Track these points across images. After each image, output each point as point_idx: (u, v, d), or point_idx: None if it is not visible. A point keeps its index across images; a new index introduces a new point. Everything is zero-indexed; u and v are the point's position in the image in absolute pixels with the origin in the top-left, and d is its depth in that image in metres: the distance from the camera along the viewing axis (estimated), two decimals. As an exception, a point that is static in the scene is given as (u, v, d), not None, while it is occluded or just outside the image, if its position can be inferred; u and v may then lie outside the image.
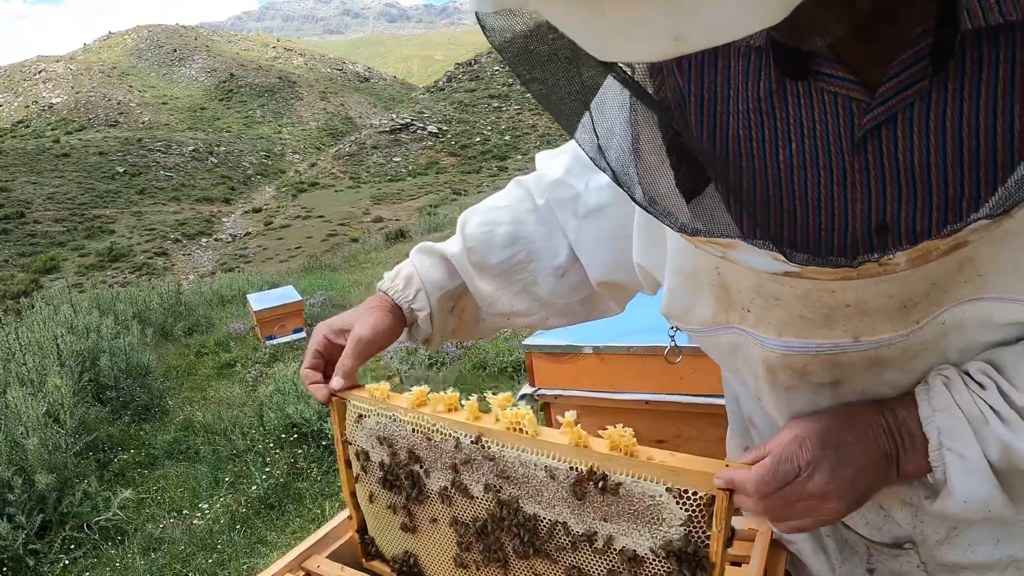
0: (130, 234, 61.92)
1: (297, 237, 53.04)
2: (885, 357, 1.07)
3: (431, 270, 1.64)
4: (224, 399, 8.72)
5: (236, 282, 17.45)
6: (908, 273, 0.93)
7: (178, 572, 5.21)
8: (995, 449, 1.01)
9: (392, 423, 1.50)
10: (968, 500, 1.03)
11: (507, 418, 1.33)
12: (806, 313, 1.05)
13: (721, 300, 1.16)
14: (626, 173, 1.00)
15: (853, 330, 1.04)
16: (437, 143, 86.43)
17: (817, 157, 0.99)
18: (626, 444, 1.20)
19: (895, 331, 1.03)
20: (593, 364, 2.79)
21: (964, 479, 1.03)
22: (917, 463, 1.07)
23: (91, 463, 6.82)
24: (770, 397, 1.23)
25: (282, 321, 10.86)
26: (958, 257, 0.93)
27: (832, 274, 0.94)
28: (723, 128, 1.06)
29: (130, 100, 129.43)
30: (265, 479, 6.16)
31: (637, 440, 2.74)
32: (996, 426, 1.01)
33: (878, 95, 0.92)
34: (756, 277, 1.05)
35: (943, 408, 1.05)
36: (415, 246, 1.71)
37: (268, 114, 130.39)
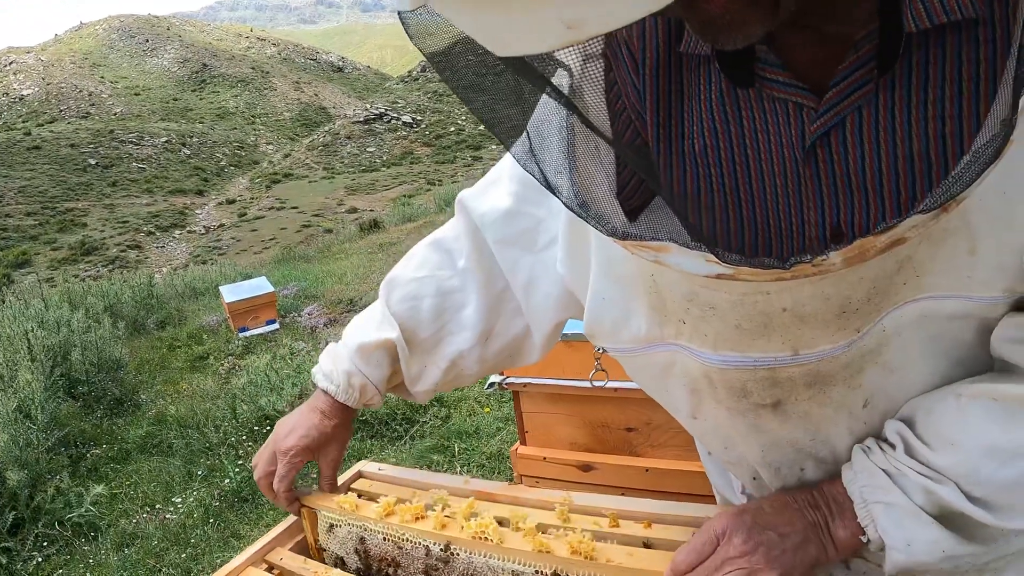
0: (102, 227, 61.44)
1: (271, 228, 52.84)
2: (827, 373, 1.05)
3: (376, 369, 1.64)
4: (197, 392, 8.67)
5: (209, 274, 17.36)
6: (845, 272, 0.90)
7: (152, 568, 5.17)
8: (919, 495, 1.02)
9: (364, 532, 1.57)
10: (911, 543, 1.01)
11: (472, 528, 1.40)
12: (742, 322, 1.02)
13: (657, 311, 1.13)
14: (556, 176, 0.98)
15: (791, 341, 1.02)
16: (411, 133, 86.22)
17: (772, 164, 0.99)
18: (585, 549, 1.28)
19: (835, 342, 1.01)
20: (562, 352, 2.78)
21: (896, 524, 1.03)
22: (847, 526, 1.08)
23: (63, 459, 6.77)
24: (710, 418, 1.22)
25: (255, 313, 10.80)
26: (897, 256, 0.92)
27: (766, 275, 0.91)
28: (678, 137, 1.06)
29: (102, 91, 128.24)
30: (238, 472, 6.12)
31: (607, 428, 2.74)
32: (912, 475, 1.02)
33: (825, 100, 0.92)
34: (690, 284, 1.02)
35: (862, 469, 1.08)
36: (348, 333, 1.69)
37: (241, 104, 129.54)
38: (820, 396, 1.08)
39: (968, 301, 0.96)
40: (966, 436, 1.00)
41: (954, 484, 0.99)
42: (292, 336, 10.38)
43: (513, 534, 1.39)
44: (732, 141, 1.01)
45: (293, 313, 11.83)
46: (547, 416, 2.97)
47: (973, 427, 1.00)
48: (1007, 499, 0.97)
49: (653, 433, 2.80)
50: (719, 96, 1.01)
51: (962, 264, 0.93)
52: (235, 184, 79.53)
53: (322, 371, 1.68)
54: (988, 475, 0.97)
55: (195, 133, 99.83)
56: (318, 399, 1.68)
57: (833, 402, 1.08)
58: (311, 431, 1.65)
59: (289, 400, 6.79)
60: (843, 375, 1.05)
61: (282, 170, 79.71)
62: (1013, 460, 0.96)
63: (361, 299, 12.09)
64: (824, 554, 1.10)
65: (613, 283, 1.19)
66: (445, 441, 6.17)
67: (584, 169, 1.00)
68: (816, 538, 1.10)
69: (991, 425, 0.98)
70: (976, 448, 0.99)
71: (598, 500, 1.59)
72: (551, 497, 1.62)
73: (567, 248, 1.30)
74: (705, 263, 0.92)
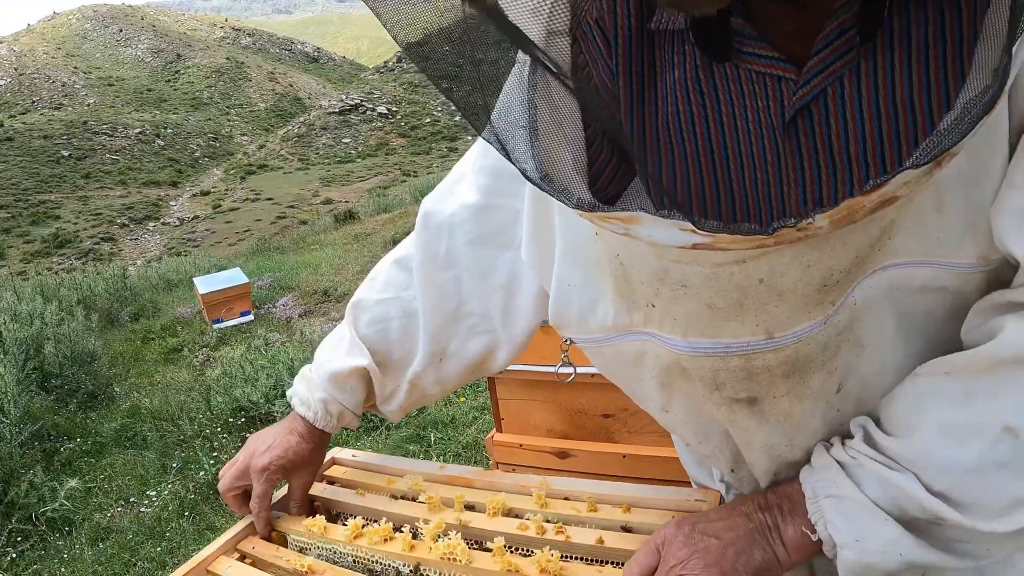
0: (76, 219, 60.98)
1: (246, 220, 52.55)
2: (805, 359, 0.99)
3: (351, 395, 1.60)
4: (171, 384, 8.62)
5: (183, 266, 17.27)
6: (825, 241, 0.86)
7: (127, 562, 5.13)
8: (873, 486, 0.97)
9: (333, 555, 1.55)
10: (861, 539, 0.96)
11: (440, 549, 1.39)
12: (715, 300, 0.95)
13: (624, 296, 1.07)
14: (516, 148, 0.92)
15: (765, 323, 0.95)
16: (387, 124, 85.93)
17: (750, 136, 0.96)
18: (554, 568, 1.28)
19: (812, 318, 0.95)
20: (538, 338, 2.72)
21: (846, 518, 0.98)
22: (798, 525, 1.04)
23: (37, 453, 6.72)
24: (681, 411, 1.18)
25: (230, 304, 10.74)
26: (884, 221, 0.88)
27: (746, 243, 0.82)
28: (651, 112, 1.03)
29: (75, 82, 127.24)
30: (213, 464, 6.09)
31: (584, 414, 2.72)
32: (868, 464, 0.98)
33: (805, 71, 0.89)
34: (660, 260, 0.95)
35: (819, 465, 1.04)
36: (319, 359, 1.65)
37: (216, 95, 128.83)
38: (800, 388, 1.02)
39: (941, 269, 0.93)
40: (920, 417, 0.96)
41: (913, 475, 0.94)
42: (267, 327, 10.34)
43: (482, 555, 1.38)
44: (708, 116, 0.98)
45: (268, 304, 11.78)
46: (523, 403, 2.95)
47: (928, 406, 0.96)
48: (971, 492, 0.91)
49: (630, 419, 2.79)
50: (694, 72, 0.98)
51: (930, 222, 0.90)
52: (209, 175, 79.13)
53: (298, 396, 1.64)
54: (947, 458, 0.92)
55: (169, 124, 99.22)
56: (295, 421, 1.64)
57: (813, 393, 1.03)
58: (288, 452, 1.61)
59: (264, 391, 6.75)
60: (821, 359, 0.99)
61: (257, 161, 79.27)
62: (970, 438, 0.91)
63: (336, 289, 12.05)
64: (774, 558, 1.05)
65: (578, 268, 1.14)
66: (421, 431, 6.16)
67: (548, 140, 0.95)
68: (763, 541, 1.06)
69: (945, 401, 0.94)
70: (931, 428, 0.94)
71: (575, 484, 1.58)
72: (528, 482, 1.61)
73: (531, 233, 1.25)
74: (680, 232, 0.84)
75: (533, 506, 1.52)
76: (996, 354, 0.90)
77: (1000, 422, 0.89)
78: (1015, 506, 0.90)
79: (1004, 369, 0.89)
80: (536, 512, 1.49)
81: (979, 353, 0.92)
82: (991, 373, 0.91)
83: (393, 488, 1.70)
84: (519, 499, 1.55)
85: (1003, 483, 0.90)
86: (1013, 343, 0.88)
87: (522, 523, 1.46)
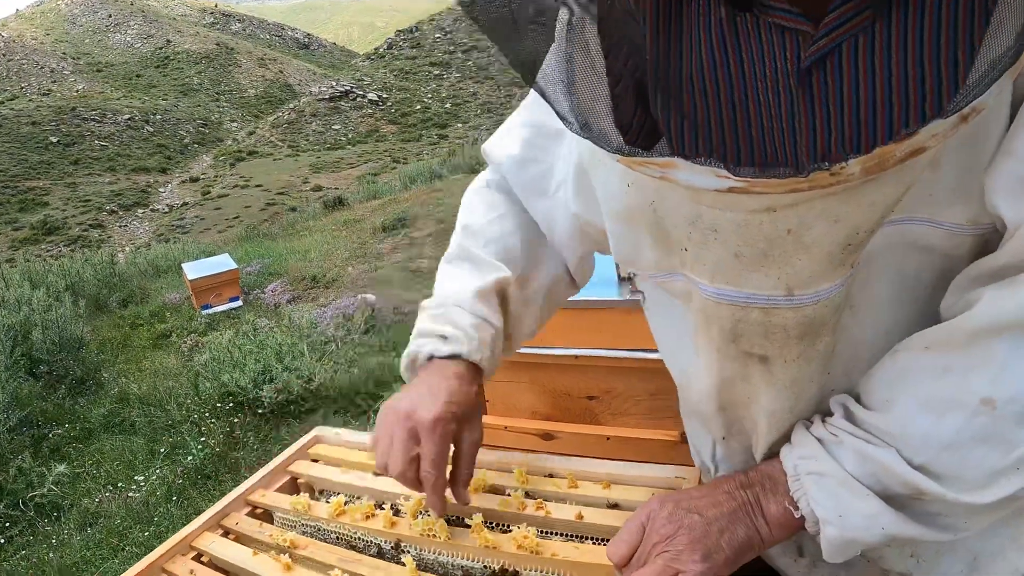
0: (64, 206, 60.60)
1: (235, 207, 52.24)
2: (820, 321, 1.00)
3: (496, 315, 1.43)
4: (159, 370, 8.61)
5: (172, 252, 17.19)
6: (858, 190, 0.87)
7: (115, 546, 5.14)
8: (852, 461, 0.99)
9: (317, 532, 1.56)
10: (843, 514, 0.97)
11: (420, 526, 1.41)
12: (742, 249, 0.97)
13: (661, 242, 1.10)
14: (559, 100, 0.96)
15: (787, 278, 0.97)
16: (377, 111, 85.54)
17: (773, 86, 0.98)
18: (530, 544, 1.30)
19: (832, 280, 0.96)
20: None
21: (828, 495, 0.99)
22: (779, 502, 1.05)
23: (25, 439, 6.71)
24: (703, 357, 1.19)
25: (218, 290, 10.71)
26: (908, 179, 0.89)
27: (780, 187, 0.84)
28: (677, 63, 1.05)
29: (64, 67, 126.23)
30: (201, 449, 6.10)
31: (568, 396, 2.72)
32: (847, 439, 1.00)
33: (822, 26, 0.90)
34: (694, 207, 0.98)
35: (799, 442, 1.06)
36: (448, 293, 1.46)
37: (205, 81, 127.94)
38: (809, 351, 1.04)
39: (932, 227, 0.94)
40: (899, 391, 0.97)
41: (894, 450, 0.95)
42: (255, 313, 10.32)
43: (461, 531, 1.40)
44: (730, 66, 1.00)
45: (256, 290, 11.75)
46: (508, 385, 2.95)
47: (906, 380, 0.97)
48: (952, 465, 0.93)
49: (614, 401, 2.79)
50: (718, 23, 1.00)
51: (924, 178, 0.90)
52: (199, 162, 78.67)
53: (442, 338, 1.40)
54: (926, 432, 0.93)
55: (158, 110, 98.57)
56: (443, 369, 1.37)
57: (818, 356, 1.05)
58: (454, 397, 1.33)
59: (252, 377, 6.75)
60: (832, 321, 1.01)
61: (246, 148, 78.81)
62: (949, 412, 0.92)
63: (324, 276, 12.03)
64: (757, 535, 1.06)
65: (617, 220, 1.18)
66: (408, 416, 6.15)
67: (586, 91, 0.99)
68: (746, 518, 1.07)
69: (923, 375, 0.95)
70: (910, 402, 0.96)
71: (556, 462, 1.59)
72: (509, 459, 1.62)
73: (576, 186, 1.32)
74: (715, 177, 0.86)
75: (514, 483, 1.53)
76: (972, 325, 0.91)
77: (978, 394, 0.90)
78: (994, 477, 0.91)
79: (980, 340, 0.90)
80: (517, 488, 1.50)
81: (955, 325, 0.93)
82: (968, 345, 0.92)
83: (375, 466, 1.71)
84: (501, 476, 1.57)
85: (983, 455, 0.91)
86: (988, 313, 0.89)
87: (503, 499, 1.47)
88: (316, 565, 1.45)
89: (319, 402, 6.61)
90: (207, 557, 1.53)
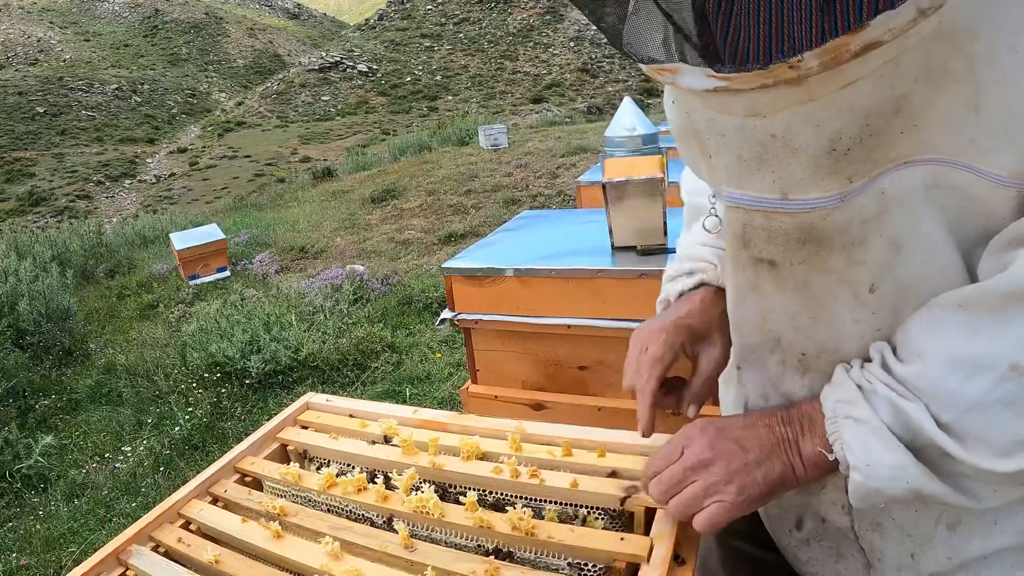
0: (51, 177, 60.19)
1: (223, 177, 52.07)
2: (821, 233, 1.03)
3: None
4: (147, 340, 8.58)
5: (159, 223, 17.08)
6: (836, 95, 0.91)
7: (102, 517, 5.12)
8: (887, 412, 0.99)
9: (308, 503, 1.55)
10: (871, 464, 0.98)
11: (413, 502, 1.39)
12: (743, 152, 1.05)
13: (704, 154, 1.18)
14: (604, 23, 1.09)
15: (780, 181, 1.03)
16: (367, 82, 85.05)
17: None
18: (526, 526, 1.28)
19: (824, 190, 0.99)
20: (514, 287, 2.74)
21: (860, 442, 1.00)
22: (815, 442, 1.06)
23: (11, 410, 6.69)
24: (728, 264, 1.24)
25: (206, 260, 10.67)
26: (893, 89, 0.89)
27: (751, 81, 0.94)
28: None
29: (51, 37, 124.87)
30: (188, 419, 6.07)
31: (559, 366, 2.71)
32: (881, 389, 1.00)
33: None
34: (708, 112, 1.09)
35: (839, 384, 1.06)
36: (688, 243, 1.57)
37: (194, 51, 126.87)
38: (816, 261, 1.06)
39: (974, 174, 0.92)
40: (931, 346, 0.97)
41: (923, 404, 0.96)
42: (243, 283, 10.28)
43: (454, 508, 1.38)
44: None
45: (244, 261, 11.70)
46: (498, 354, 2.94)
47: (938, 336, 0.96)
48: (975, 426, 0.92)
49: (606, 372, 2.78)
50: None
51: (964, 120, 0.89)
52: (187, 133, 78.21)
53: (688, 274, 1.49)
54: (953, 391, 0.93)
55: (146, 80, 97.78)
56: (691, 297, 1.46)
57: (834, 272, 1.06)
58: (692, 314, 1.41)
59: (239, 347, 6.72)
60: (840, 241, 1.02)
61: (235, 118, 78.39)
62: (977, 373, 0.91)
63: (312, 246, 12.00)
64: (792, 473, 1.08)
65: (677, 139, 1.27)
66: (396, 386, 6.17)
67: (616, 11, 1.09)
68: (783, 454, 1.09)
69: (955, 333, 0.95)
70: (939, 359, 0.95)
71: (550, 429, 1.57)
72: (503, 426, 1.60)
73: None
74: (705, 78, 0.98)
75: (508, 450, 1.51)
76: (1005, 288, 0.90)
77: (1007, 360, 0.89)
78: (1019, 446, 0.90)
79: (1012, 304, 0.90)
80: (511, 456, 1.48)
81: (989, 286, 0.92)
82: (999, 308, 0.91)
83: (366, 432, 1.68)
84: (494, 443, 1.55)
85: (1008, 420, 0.90)
86: (1021, 276, 0.89)
87: (496, 466, 1.45)
88: (306, 532, 1.43)
89: (307, 372, 6.58)
90: (195, 525, 1.52)
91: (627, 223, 2.64)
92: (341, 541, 1.34)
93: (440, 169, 16.16)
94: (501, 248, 3.05)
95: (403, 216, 13.26)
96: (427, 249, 10.87)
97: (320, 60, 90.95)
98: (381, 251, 11.14)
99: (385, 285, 8.77)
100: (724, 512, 1.09)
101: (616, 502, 1.35)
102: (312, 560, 1.31)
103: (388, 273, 9.22)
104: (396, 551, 1.31)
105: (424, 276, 9.08)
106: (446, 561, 1.26)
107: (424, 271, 9.50)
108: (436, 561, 1.26)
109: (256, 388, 6.47)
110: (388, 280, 8.84)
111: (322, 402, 1.85)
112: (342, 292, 8.47)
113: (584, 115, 44.88)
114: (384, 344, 7.04)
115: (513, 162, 15.73)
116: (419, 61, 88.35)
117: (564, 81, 69.29)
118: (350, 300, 8.29)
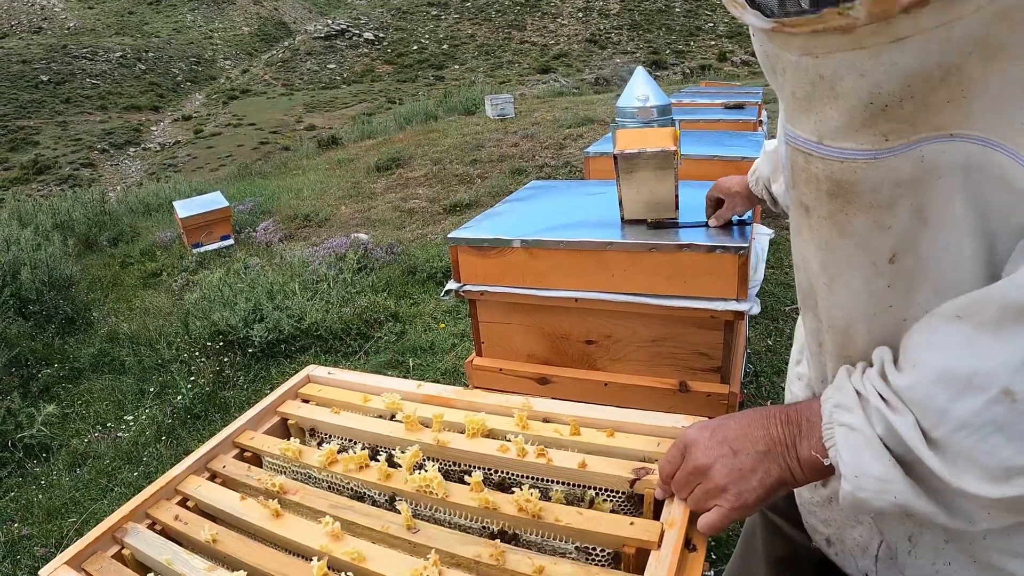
0: (55, 145, 60.11)
1: (228, 145, 52.00)
2: (849, 186, 1.02)
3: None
4: (150, 309, 8.55)
5: (163, 191, 17.03)
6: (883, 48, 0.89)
7: (104, 487, 5.11)
8: (879, 424, 0.97)
9: (308, 480, 1.53)
10: (859, 474, 0.97)
11: (416, 481, 1.38)
12: (796, 90, 1.06)
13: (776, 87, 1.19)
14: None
15: (820, 126, 1.03)
16: (373, 51, 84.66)
17: None
18: (532, 509, 1.27)
19: (858, 142, 0.98)
20: (521, 259, 2.69)
21: (852, 451, 0.99)
22: (812, 446, 1.06)
23: (14, 379, 6.66)
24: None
25: (210, 228, 10.62)
26: (940, 59, 0.86)
27: (803, 26, 0.95)
28: None
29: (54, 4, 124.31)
30: (191, 389, 6.04)
31: (566, 340, 2.67)
32: (875, 401, 0.98)
33: None
34: (771, 47, 1.09)
35: (839, 387, 1.05)
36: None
37: (199, 18, 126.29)
38: (840, 218, 1.07)
39: (1015, 160, 0.86)
40: (925, 357, 0.95)
41: (914, 418, 0.93)
42: (247, 251, 10.24)
43: (459, 488, 1.36)
44: None
45: (248, 229, 11.65)
46: (504, 327, 2.90)
47: (933, 347, 0.94)
48: (965, 445, 0.89)
49: (613, 347, 2.74)
50: None
51: (1017, 101, 0.84)
52: (191, 100, 78.01)
53: None
54: (943, 407, 0.90)
55: (151, 48, 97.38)
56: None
57: (856, 235, 1.06)
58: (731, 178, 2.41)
59: (242, 315, 6.68)
60: (869, 200, 1.01)
61: (240, 86, 78.14)
62: (968, 392, 0.88)
63: (317, 214, 11.94)
64: (790, 475, 1.08)
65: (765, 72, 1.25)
66: (400, 357, 6.13)
67: None
68: (780, 458, 1.09)
69: (950, 346, 0.92)
70: (932, 372, 0.92)
71: (558, 407, 1.53)
72: (509, 403, 1.56)
73: None
74: (763, 17, 1.01)
75: (514, 428, 1.47)
76: (1005, 299, 0.86)
77: (1000, 383, 0.86)
78: (1009, 473, 0.87)
79: (1010, 321, 0.86)
80: (517, 434, 1.44)
81: (989, 294, 0.89)
82: (997, 323, 0.87)
83: (369, 407, 1.65)
84: (500, 420, 1.51)
85: (998, 445, 0.87)
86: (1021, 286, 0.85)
87: (503, 444, 1.42)
88: (306, 511, 1.40)
89: (310, 341, 6.55)
90: (193, 502, 1.49)
91: (638, 196, 2.59)
92: (342, 521, 1.31)
93: (446, 138, 16.07)
94: (508, 219, 3.00)
95: (408, 185, 13.20)
96: (432, 218, 10.82)
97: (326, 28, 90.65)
98: (386, 220, 11.09)
99: (389, 254, 8.73)
100: (722, 518, 1.12)
101: (625, 484, 1.32)
102: (312, 540, 1.28)
103: (392, 242, 9.17)
104: (398, 532, 1.28)
105: (429, 246, 9.02)
106: (450, 543, 1.23)
107: (429, 240, 9.44)
108: (440, 543, 1.23)
109: (259, 357, 6.44)
110: (392, 249, 8.79)
111: (324, 375, 1.81)
112: (346, 261, 8.42)
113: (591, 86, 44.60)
114: (388, 314, 7.01)
115: (519, 132, 15.63)
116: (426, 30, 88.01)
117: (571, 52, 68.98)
118: (354, 269, 8.24)
